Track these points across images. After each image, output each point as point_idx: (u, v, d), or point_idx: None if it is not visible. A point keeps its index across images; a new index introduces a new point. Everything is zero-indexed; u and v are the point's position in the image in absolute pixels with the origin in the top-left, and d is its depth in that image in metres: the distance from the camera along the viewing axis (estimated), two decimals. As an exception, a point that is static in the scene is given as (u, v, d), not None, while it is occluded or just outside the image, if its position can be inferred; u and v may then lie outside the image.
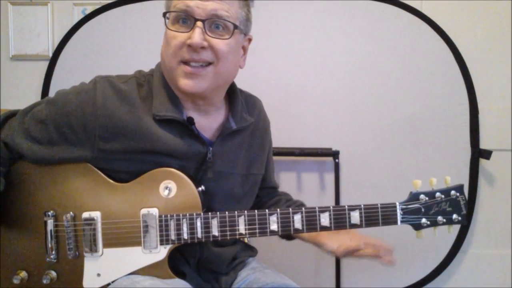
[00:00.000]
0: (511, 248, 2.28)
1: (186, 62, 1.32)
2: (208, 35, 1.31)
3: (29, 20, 2.34)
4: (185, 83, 1.33)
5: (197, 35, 1.28)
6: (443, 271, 2.27)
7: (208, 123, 1.46)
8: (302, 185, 2.30)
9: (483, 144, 2.22)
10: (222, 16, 1.32)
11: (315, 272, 2.32)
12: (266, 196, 1.71)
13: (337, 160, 2.22)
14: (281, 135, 1.75)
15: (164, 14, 1.35)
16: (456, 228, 2.22)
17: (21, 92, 2.37)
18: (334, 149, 2.22)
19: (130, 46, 2.29)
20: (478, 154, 2.22)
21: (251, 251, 1.66)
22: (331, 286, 2.29)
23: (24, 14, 2.34)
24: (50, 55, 2.33)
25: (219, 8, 1.31)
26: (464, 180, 2.23)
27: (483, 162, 2.24)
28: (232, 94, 1.52)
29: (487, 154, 2.17)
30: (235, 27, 1.35)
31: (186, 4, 1.30)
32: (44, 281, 1.35)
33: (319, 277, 2.32)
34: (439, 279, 2.29)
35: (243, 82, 1.57)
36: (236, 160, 1.50)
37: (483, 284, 2.31)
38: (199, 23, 1.29)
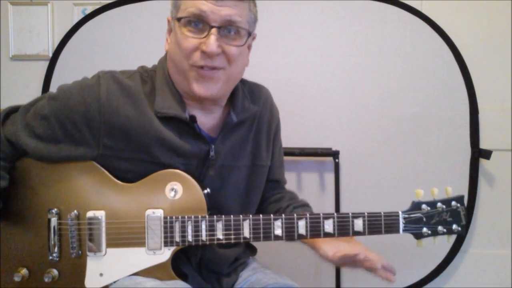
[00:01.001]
0: (511, 248, 2.29)
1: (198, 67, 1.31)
2: (223, 42, 1.30)
3: (29, 20, 2.34)
4: (198, 88, 1.32)
5: (213, 43, 1.27)
6: (443, 271, 2.27)
7: (210, 119, 1.45)
8: (302, 185, 2.30)
9: (483, 144, 2.23)
10: (236, 22, 1.30)
11: (315, 272, 2.32)
12: (269, 191, 1.65)
13: (337, 160, 2.22)
14: (281, 135, 1.74)
15: (179, 19, 1.31)
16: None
17: (21, 92, 2.36)
18: (334, 149, 2.22)
19: (130, 46, 2.29)
20: (478, 154, 2.22)
21: (251, 250, 1.66)
22: (331, 286, 2.30)
23: (24, 14, 2.34)
24: (50, 55, 2.33)
25: (233, 13, 1.29)
26: (464, 180, 2.23)
27: (483, 162, 2.25)
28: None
29: (487, 154, 2.17)
30: (249, 34, 1.35)
31: (200, 9, 1.27)
32: (46, 279, 1.35)
33: (319, 277, 2.32)
34: (439, 279, 2.29)
35: (243, 82, 1.57)
36: (240, 153, 1.49)
37: (483, 284, 2.31)
38: (214, 30, 1.27)
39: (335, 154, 2.22)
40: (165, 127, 1.35)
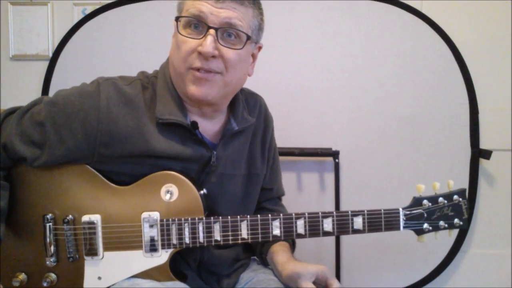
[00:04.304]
0: (511, 248, 2.29)
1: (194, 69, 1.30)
2: (220, 44, 1.28)
3: (29, 20, 2.34)
4: (194, 89, 1.31)
5: (209, 44, 1.25)
6: (443, 271, 2.27)
7: (211, 125, 1.44)
8: (302, 185, 2.30)
9: (483, 144, 2.22)
10: (235, 25, 1.28)
11: (315, 271, 2.31)
12: (261, 198, 1.64)
13: (337, 160, 2.22)
14: (281, 135, 1.74)
15: (177, 19, 1.31)
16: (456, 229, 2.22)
17: (21, 92, 2.36)
18: (334, 149, 2.22)
19: (130, 46, 2.29)
20: (478, 154, 2.21)
21: (251, 250, 1.64)
22: (331, 286, 2.29)
23: (24, 14, 2.33)
24: (50, 55, 2.33)
25: (233, 17, 1.28)
26: (464, 180, 2.23)
27: (483, 162, 2.24)
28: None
29: (487, 154, 2.17)
30: (248, 37, 1.32)
31: (200, 10, 1.26)
32: (44, 284, 1.35)
33: (319, 277, 2.32)
34: (439, 279, 2.29)
35: (243, 82, 1.57)
36: (239, 162, 1.49)
37: (483, 284, 2.31)
38: (211, 31, 1.26)
39: (335, 154, 2.22)
40: (166, 135, 1.34)
